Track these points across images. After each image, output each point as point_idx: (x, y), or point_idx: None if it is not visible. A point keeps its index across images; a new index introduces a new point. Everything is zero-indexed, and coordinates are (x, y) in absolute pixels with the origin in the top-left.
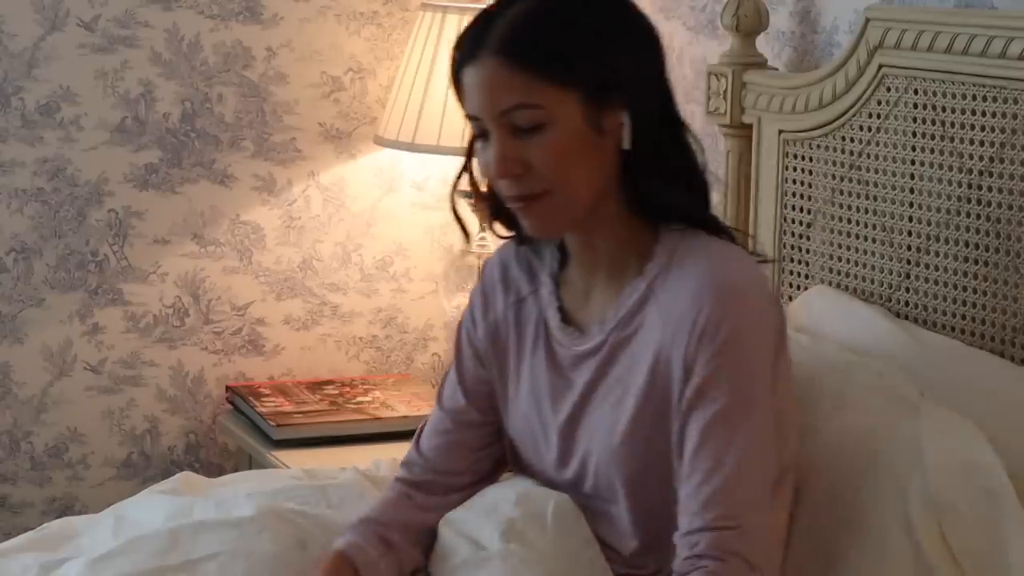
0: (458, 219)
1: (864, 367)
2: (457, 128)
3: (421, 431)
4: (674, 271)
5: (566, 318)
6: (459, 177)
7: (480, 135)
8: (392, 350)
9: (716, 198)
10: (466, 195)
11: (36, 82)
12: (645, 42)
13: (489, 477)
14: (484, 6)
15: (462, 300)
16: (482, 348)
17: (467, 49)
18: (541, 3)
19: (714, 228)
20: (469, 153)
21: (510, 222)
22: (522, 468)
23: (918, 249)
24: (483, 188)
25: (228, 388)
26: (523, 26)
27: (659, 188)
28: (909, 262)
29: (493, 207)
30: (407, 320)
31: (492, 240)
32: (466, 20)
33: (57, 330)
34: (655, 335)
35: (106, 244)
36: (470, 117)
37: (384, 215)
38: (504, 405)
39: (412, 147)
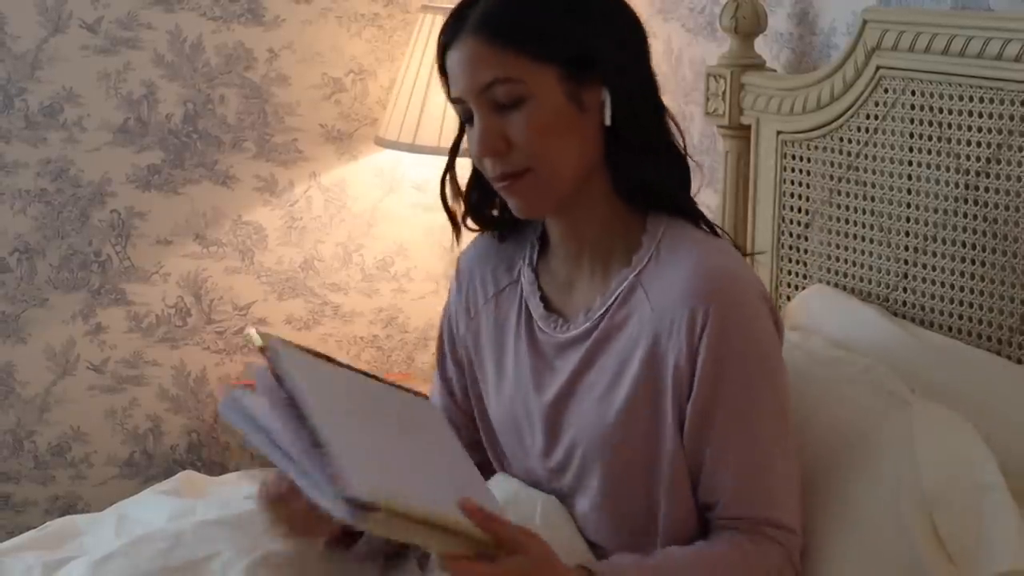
0: (450, 214)
1: (851, 362)
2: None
3: None
4: (663, 260)
5: (548, 307)
6: (447, 173)
7: (466, 119)
8: (393, 350)
9: (716, 199)
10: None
11: (39, 83)
12: (625, 26)
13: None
14: None
15: None
16: (461, 342)
17: (449, 34)
18: None
19: (698, 218)
20: (454, 151)
21: (487, 220)
22: (503, 463)
23: (915, 249)
24: (463, 189)
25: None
26: (500, 4)
27: (642, 167)
28: (907, 262)
29: (469, 203)
30: (408, 320)
31: None
32: None
33: (60, 330)
34: (647, 325)
35: (109, 244)
36: (455, 101)
37: (385, 215)
38: (485, 396)
39: (413, 148)
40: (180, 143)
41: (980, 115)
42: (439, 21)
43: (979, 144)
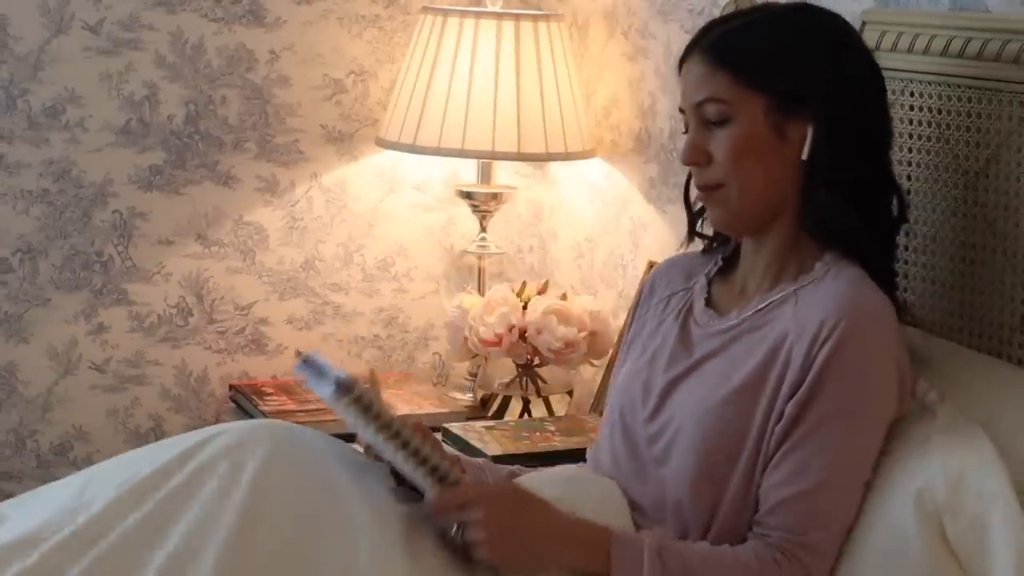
0: (688, 207)
1: None
2: (457, 130)
3: None
4: (825, 283)
5: (710, 305)
6: (688, 182)
7: (685, 129)
8: (394, 349)
9: None
10: (467, 195)
11: (41, 84)
12: (854, 72)
13: None
14: (486, 9)
15: (462, 300)
16: (633, 332)
17: (686, 50)
18: (757, 18)
19: (877, 274)
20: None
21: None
22: (611, 429)
23: (915, 249)
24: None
25: (231, 387)
26: (730, 34)
27: (832, 211)
28: (907, 262)
29: (691, 212)
30: (408, 320)
31: (491, 240)
32: (466, 24)
33: (62, 329)
34: (782, 326)
35: (111, 245)
36: (681, 110)
37: (385, 216)
38: (619, 371)
39: (413, 149)
40: (182, 144)
41: (979, 116)
42: (439, 22)
43: (978, 145)
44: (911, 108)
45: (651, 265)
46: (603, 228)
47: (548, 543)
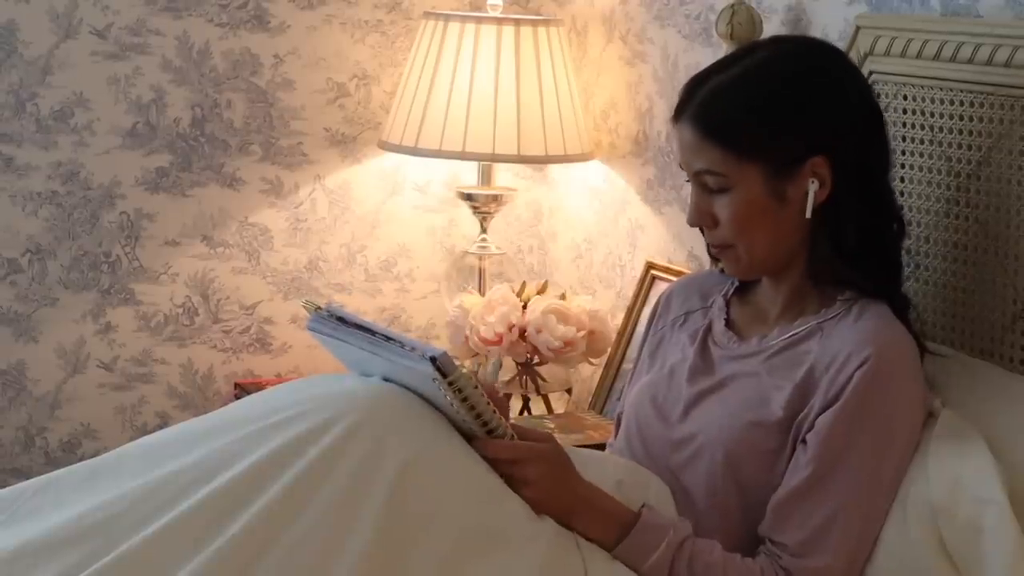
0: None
1: None
2: (458, 133)
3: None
4: (850, 317)
5: (730, 327)
6: None
7: (688, 180)
8: None
9: None
10: (467, 197)
11: (50, 88)
12: (849, 125)
13: None
14: (486, 15)
15: (463, 299)
16: (649, 345)
17: (678, 107)
18: (743, 72)
19: (899, 306)
20: None
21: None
22: (627, 438)
23: (908, 250)
24: None
25: (237, 385)
26: (715, 98)
27: (838, 264)
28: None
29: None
30: (410, 319)
31: (492, 241)
32: (467, 28)
33: (71, 329)
34: (809, 360)
35: (118, 245)
36: (680, 166)
37: (388, 217)
38: (636, 381)
39: (415, 151)
40: (188, 146)
41: (971, 119)
42: (440, 27)
43: (970, 147)
44: (904, 111)
45: (649, 266)
46: (601, 229)
47: (578, 507)
